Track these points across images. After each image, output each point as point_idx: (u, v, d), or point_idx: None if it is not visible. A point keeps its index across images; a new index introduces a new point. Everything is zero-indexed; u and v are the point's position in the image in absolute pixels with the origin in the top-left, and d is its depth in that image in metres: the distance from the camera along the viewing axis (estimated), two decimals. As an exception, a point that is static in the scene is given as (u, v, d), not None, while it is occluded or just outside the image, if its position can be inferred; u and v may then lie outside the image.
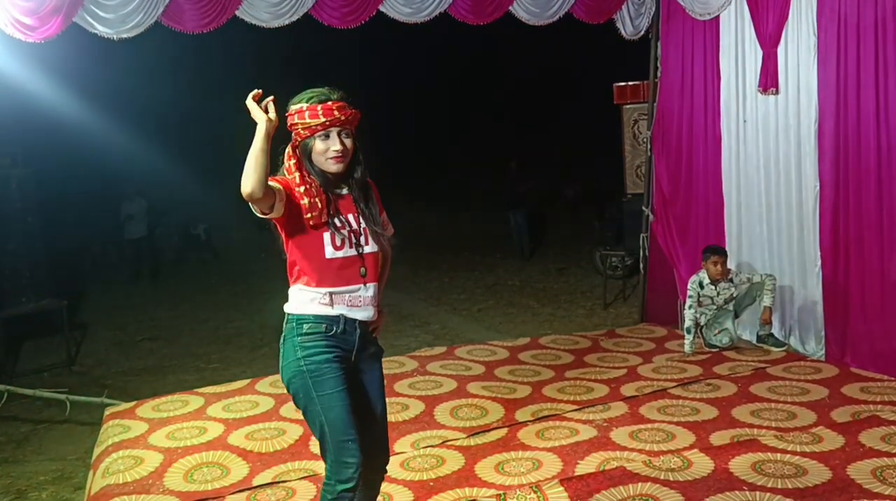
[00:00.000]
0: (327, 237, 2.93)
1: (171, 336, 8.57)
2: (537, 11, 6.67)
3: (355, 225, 2.99)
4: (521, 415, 4.92)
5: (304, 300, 2.97)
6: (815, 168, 5.87)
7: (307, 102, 2.90)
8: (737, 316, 6.26)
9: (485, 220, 14.88)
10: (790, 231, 6.17)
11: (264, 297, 9.78)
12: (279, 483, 4.14)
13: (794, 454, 4.12)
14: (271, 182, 2.78)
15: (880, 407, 4.79)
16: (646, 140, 7.58)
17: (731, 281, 6.13)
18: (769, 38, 6.07)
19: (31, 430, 5.77)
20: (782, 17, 5.96)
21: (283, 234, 2.97)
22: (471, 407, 5.12)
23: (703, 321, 6.23)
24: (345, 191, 3.01)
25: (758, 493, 3.71)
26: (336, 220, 2.95)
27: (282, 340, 3.00)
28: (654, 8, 7.08)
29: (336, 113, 2.88)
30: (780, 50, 6.04)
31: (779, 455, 4.12)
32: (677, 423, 4.69)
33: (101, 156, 13.65)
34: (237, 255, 13.41)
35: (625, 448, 4.34)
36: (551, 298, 9.46)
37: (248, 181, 2.67)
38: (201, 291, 11.00)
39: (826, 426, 4.52)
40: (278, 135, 2.88)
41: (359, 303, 3.00)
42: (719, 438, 4.44)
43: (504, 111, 19.50)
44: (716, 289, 6.13)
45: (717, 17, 6.57)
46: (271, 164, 2.77)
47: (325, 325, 2.95)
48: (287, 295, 3.04)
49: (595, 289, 9.50)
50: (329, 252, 2.93)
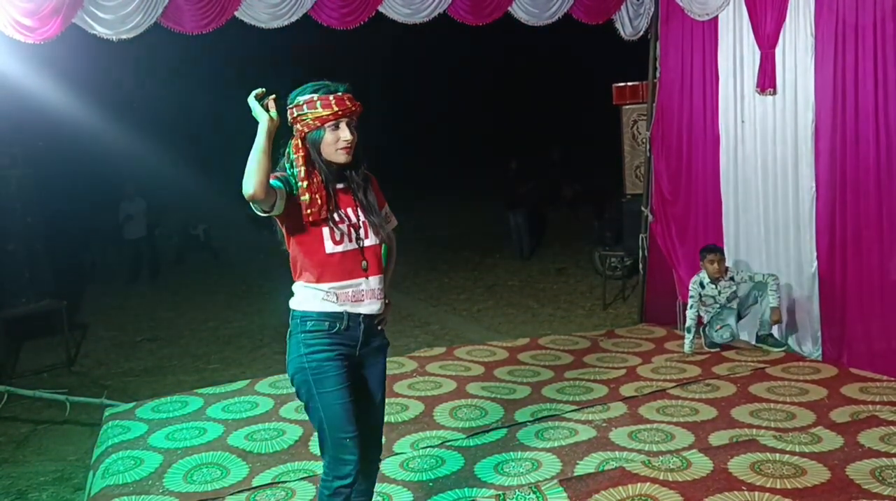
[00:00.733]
0: (326, 232, 2.94)
1: (171, 336, 8.57)
2: (536, 12, 6.67)
3: (354, 218, 3.01)
4: (521, 416, 4.93)
5: (308, 297, 2.99)
6: (812, 168, 5.87)
7: (317, 93, 2.91)
8: (740, 316, 6.25)
9: (484, 220, 14.89)
10: (787, 231, 6.17)
11: (264, 298, 9.80)
12: (279, 483, 4.14)
13: (793, 454, 4.13)
14: (272, 180, 2.80)
15: (879, 407, 4.79)
16: (645, 140, 7.59)
17: (731, 279, 6.14)
18: (767, 38, 6.08)
19: (31, 431, 5.78)
20: (780, 18, 5.97)
21: (284, 230, 2.99)
22: (470, 407, 5.12)
23: (706, 318, 6.23)
24: (343, 185, 3.03)
25: (757, 493, 3.71)
26: (335, 215, 2.96)
27: (288, 335, 3.04)
28: (653, 8, 7.09)
29: (347, 103, 2.91)
30: (778, 51, 6.05)
31: (778, 455, 4.13)
32: (676, 423, 4.70)
33: (100, 157, 13.65)
34: (236, 256, 13.41)
35: (624, 449, 4.35)
36: (551, 298, 9.47)
37: (251, 182, 2.69)
38: (201, 292, 11.00)
39: (825, 426, 4.53)
40: (278, 133, 2.90)
41: (362, 298, 3.01)
42: (718, 438, 4.45)
43: (503, 111, 19.50)
44: (717, 288, 6.14)
45: (715, 18, 6.57)
46: (271, 159, 2.78)
47: (328, 323, 2.97)
48: (290, 290, 3.05)
49: (594, 290, 9.50)
50: (329, 247, 2.94)
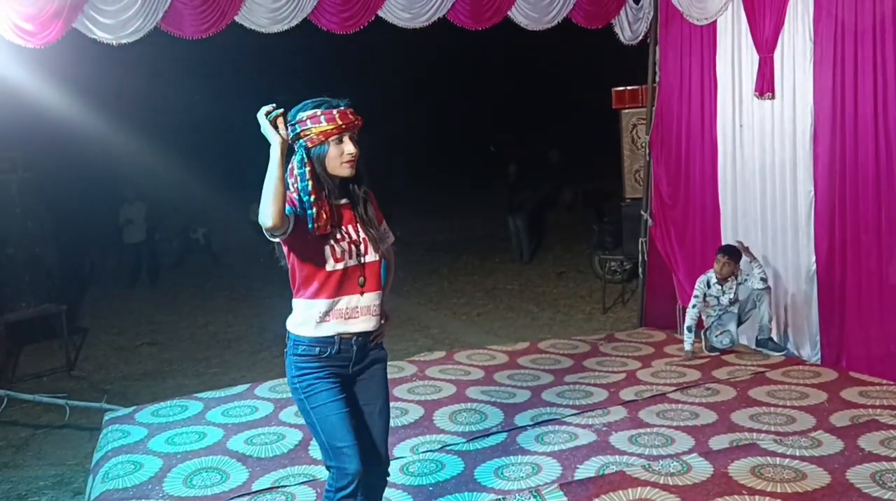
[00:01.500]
0: (328, 250, 2.92)
1: (171, 340, 8.57)
2: (536, 16, 6.69)
3: (355, 235, 2.99)
4: (521, 420, 4.93)
5: (300, 321, 2.98)
6: (810, 172, 5.88)
7: (319, 108, 2.89)
8: (741, 321, 6.25)
9: (484, 224, 14.89)
10: (785, 235, 6.18)
11: (264, 302, 9.79)
12: (278, 487, 4.14)
13: (794, 458, 4.13)
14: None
15: (879, 410, 4.80)
16: (644, 144, 7.60)
17: (738, 283, 6.14)
18: (766, 43, 6.08)
19: (31, 435, 5.78)
20: (779, 23, 5.98)
21: (286, 248, 2.96)
22: (470, 411, 5.12)
23: (707, 322, 6.23)
24: (344, 201, 3.01)
25: (757, 497, 3.72)
26: (336, 232, 2.94)
27: (286, 352, 3.05)
28: (652, 13, 7.10)
29: (350, 117, 2.91)
30: (777, 55, 6.06)
31: (778, 459, 4.13)
32: (676, 427, 4.70)
33: (100, 160, 13.64)
34: (236, 260, 13.39)
35: (624, 453, 4.35)
36: (551, 302, 9.47)
37: (269, 213, 2.68)
38: (201, 296, 10.99)
39: (825, 430, 4.53)
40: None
41: (356, 315, 3.00)
42: (718, 442, 4.45)
43: (503, 115, 19.51)
44: (722, 289, 6.15)
45: (714, 23, 6.58)
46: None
47: (318, 348, 2.97)
48: (289, 294, 3.04)
49: (594, 294, 9.50)
50: (330, 265, 2.93)
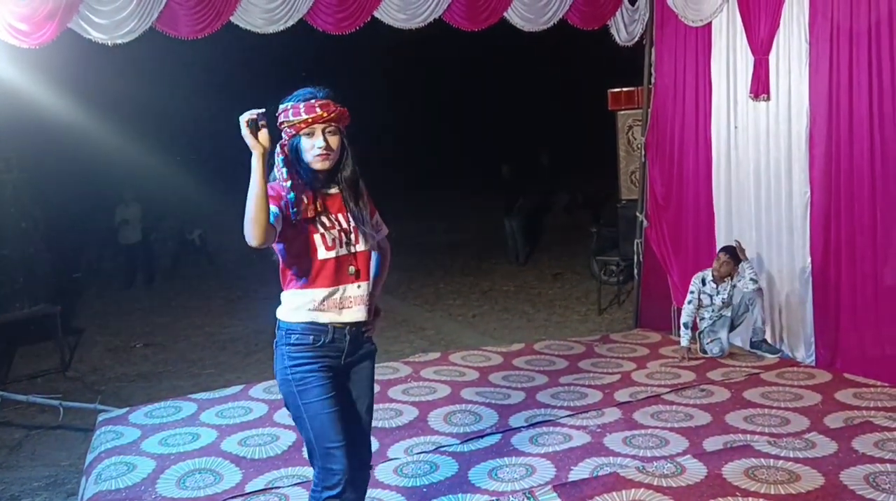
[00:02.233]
0: (318, 239, 2.92)
1: (166, 342, 8.55)
2: (532, 17, 6.69)
3: (345, 223, 2.98)
4: (515, 421, 4.93)
5: (293, 307, 2.97)
6: (806, 174, 5.89)
7: (292, 101, 2.92)
8: (734, 326, 6.25)
9: (481, 225, 14.88)
10: (780, 236, 6.19)
11: (259, 303, 9.76)
12: (272, 489, 4.14)
13: (788, 459, 4.13)
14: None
15: (873, 412, 4.80)
16: (640, 146, 7.60)
17: (731, 281, 6.14)
18: (761, 44, 6.09)
19: (25, 436, 5.76)
20: (774, 25, 5.99)
21: (277, 240, 2.94)
22: (465, 412, 5.12)
23: (701, 326, 6.24)
24: (333, 191, 3.00)
25: (751, 499, 3.72)
26: (325, 219, 2.94)
27: (274, 344, 3.02)
28: (647, 14, 7.11)
29: (318, 110, 2.88)
30: (772, 57, 6.07)
31: (772, 460, 4.13)
32: (671, 429, 4.70)
33: (96, 161, 13.61)
34: (232, 261, 13.38)
35: (618, 454, 4.35)
36: (546, 303, 9.47)
37: (253, 234, 2.68)
38: (196, 297, 10.97)
39: (819, 431, 4.53)
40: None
41: (349, 304, 2.99)
42: (712, 444, 4.45)
43: (499, 116, 19.51)
44: (716, 288, 6.15)
45: (709, 24, 6.59)
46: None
47: (312, 336, 2.95)
48: (280, 299, 3.03)
49: (590, 295, 9.50)
50: (322, 253, 2.93)
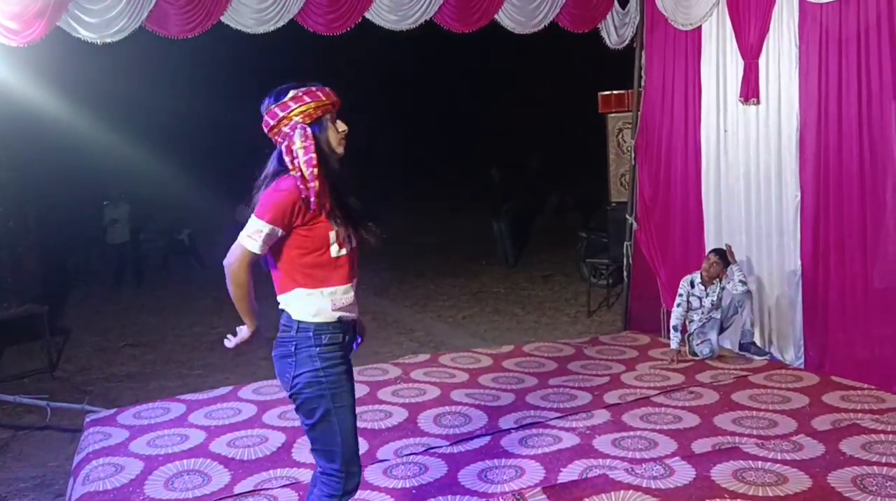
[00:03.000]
0: (332, 235, 2.87)
1: (154, 342, 8.51)
2: (522, 20, 6.71)
3: (344, 219, 2.94)
4: (505, 423, 4.93)
5: (316, 310, 2.89)
6: (796, 177, 5.92)
7: (303, 88, 2.88)
8: (723, 328, 6.28)
9: (472, 228, 14.89)
10: (770, 239, 6.21)
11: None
12: (261, 490, 4.12)
13: (775, 462, 4.15)
14: (270, 226, 2.79)
15: (860, 415, 4.82)
16: (630, 149, 7.62)
17: (720, 283, 6.16)
18: (751, 48, 6.12)
19: (12, 436, 5.72)
20: (764, 29, 6.02)
21: (281, 248, 2.88)
22: (454, 414, 5.12)
23: (691, 328, 6.26)
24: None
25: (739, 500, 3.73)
26: (337, 214, 2.89)
27: (293, 348, 2.90)
28: (638, 18, 7.13)
29: (335, 96, 2.93)
30: (762, 60, 6.10)
31: (760, 462, 4.15)
32: (660, 431, 4.71)
33: (84, 160, 13.56)
34: (221, 261, 13.33)
35: (607, 456, 4.36)
36: (536, 305, 9.48)
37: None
38: (185, 297, 10.92)
39: (807, 434, 4.55)
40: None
41: (353, 301, 2.99)
42: (701, 446, 4.46)
43: (490, 119, 19.53)
44: (705, 291, 6.17)
45: (699, 28, 6.62)
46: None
47: (341, 335, 2.93)
48: (271, 301, 2.99)
49: (579, 297, 9.51)
50: (335, 250, 2.89)
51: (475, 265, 12.26)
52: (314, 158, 2.80)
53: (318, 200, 2.80)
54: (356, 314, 3.03)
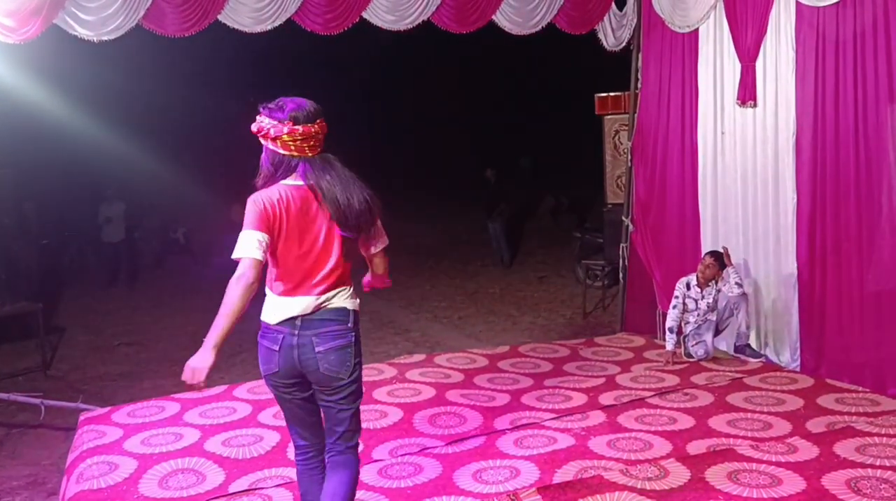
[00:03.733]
0: None
1: (149, 341, 8.50)
2: (520, 21, 6.71)
3: None
4: (500, 423, 4.93)
5: (357, 301, 3.27)
6: (793, 180, 5.93)
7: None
8: (718, 331, 6.28)
9: (468, 229, 14.90)
10: (766, 242, 6.23)
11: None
12: (255, 490, 4.11)
13: (770, 463, 4.15)
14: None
15: (855, 418, 4.83)
16: (626, 150, 7.63)
17: (716, 286, 6.17)
18: (748, 51, 6.13)
19: (5, 434, 5.70)
20: (761, 32, 6.03)
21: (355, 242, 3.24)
22: (449, 414, 5.11)
23: (686, 330, 6.26)
24: None
25: (733, 502, 3.73)
26: None
27: (353, 338, 3.19)
28: (635, 20, 7.14)
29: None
30: (759, 63, 6.11)
31: (754, 464, 4.15)
32: (654, 432, 4.71)
33: (81, 158, 13.53)
34: (216, 260, 13.32)
35: (602, 457, 4.36)
36: (531, 307, 9.48)
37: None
38: (180, 296, 10.90)
39: (801, 436, 4.56)
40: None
41: None
42: (696, 447, 4.47)
43: (486, 119, 19.54)
44: (701, 293, 6.18)
45: (696, 31, 6.63)
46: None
47: None
48: (337, 293, 3.21)
49: (575, 298, 9.53)
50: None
51: (471, 266, 12.27)
52: None
53: None
54: None
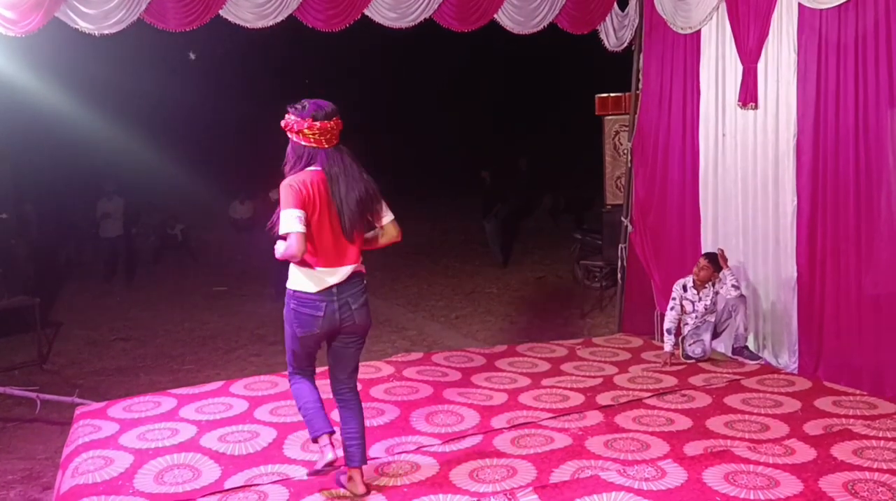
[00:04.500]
0: None
1: (145, 336, 8.49)
2: (522, 20, 6.71)
3: None
4: (497, 422, 4.92)
5: None
6: (793, 183, 5.93)
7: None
8: (717, 332, 6.27)
9: (465, 228, 14.90)
10: (766, 244, 6.22)
11: (241, 299, 9.71)
12: (251, 486, 4.10)
13: (767, 465, 4.15)
14: None
15: (852, 420, 4.83)
16: (626, 151, 7.63)
17: (713, 287, 6.17)
18: (749, 53, 6.13)
19: (1, 428, 5.71)
20: (763, 34, 6.03)
21: None
22: (447, 413, 5.11)
23: (685, 331, 6.26)
24: None
25: (730, 504, 3.73)
26: None
27: (366, 296, 3.91)
28: (637, 21, 7.14)
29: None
30: (760, 65, 6.11)
31: (751, 466, 4.14)
32: (652, 433, 4.71)
33: (79, 152, 13.51)
34: (214, 256, 13.31)
35: (599, 457, 4.35)
36: (529, 306, 9.48)
37: None
38: (177, 292, 10.90)
39: (798, 438, 4.55)
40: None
41: None
42: (693, 448, 4.46)
43: (486, 119, 19.55)
44: (697, 295, 6.18)
45: (698, 32, 6.63)
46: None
47: None
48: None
49: (572, 299, 9.53)
50: None
51: (469, 265, 12.27)
52: None
53: None
54: None
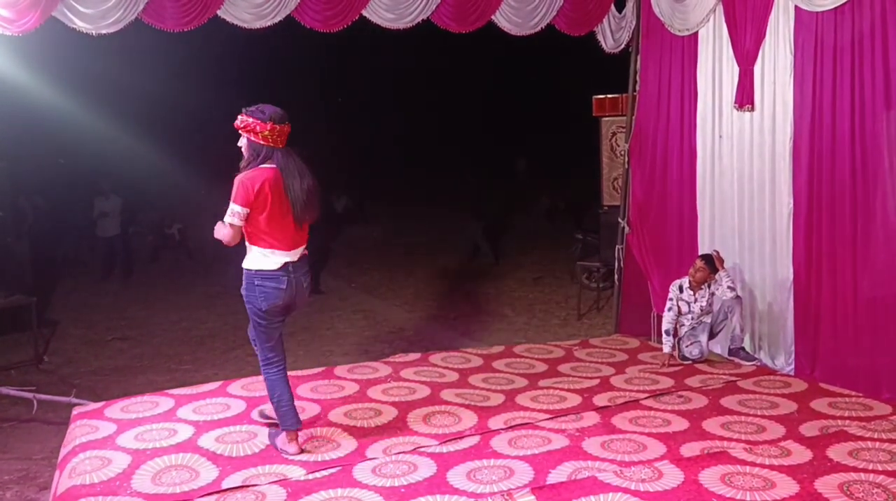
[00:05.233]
0: None
1: (143, 336, 8.48)
2: (519, 22, 6.71)
3: None
4: (494, 423, 4.93)
5: None
6: (790, 184, 5.95)
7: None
8: (713, 334, 6.29)
9: (463, 228, 14.90)
10: (763, 246, 6.24)
11: (239, 299, 9.62)
12: (248, 486, 4.10)
13: (763, 466, 4.16)
14: None
15: (848, 422, 4.85)
16: (623, 152, 7.64)
17: (709, 289, 6.18)
18: (746, 55, 6.14)
19: (-3, 428, 5.70)
20: (760, 36, 6.04)
21: None
22: (444, 413, 5.11)
23: (681, 332, 6.27)
24: None
25: (726, 505, 3.74)
26: None
27: (310, 277, 4.64)
28: (634, 22, 7.15)
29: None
30: (757, 68, 6.12)
31: (748, 467, 4.16)
32: (649, 434, 4.72)
33: (77, 152, 13.49)
34: (211, 256, 13.28)
35: (596, 458, 4.36)
36: (526, 307, 9.49)
37: None
38: (174, 291, 10.88)
39: (794, 440, 4.57)
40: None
41: None
42: (690, 450, 4.47)
43: (483, 120, 19.55)
44: (693, 296, 6.19)
45: (695, 34, 6.64)
46: None
47: None
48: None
49: (570, 299, 9.53)
50: None
51: (466, 266, 12.27)
52: None
53: None
54: None
